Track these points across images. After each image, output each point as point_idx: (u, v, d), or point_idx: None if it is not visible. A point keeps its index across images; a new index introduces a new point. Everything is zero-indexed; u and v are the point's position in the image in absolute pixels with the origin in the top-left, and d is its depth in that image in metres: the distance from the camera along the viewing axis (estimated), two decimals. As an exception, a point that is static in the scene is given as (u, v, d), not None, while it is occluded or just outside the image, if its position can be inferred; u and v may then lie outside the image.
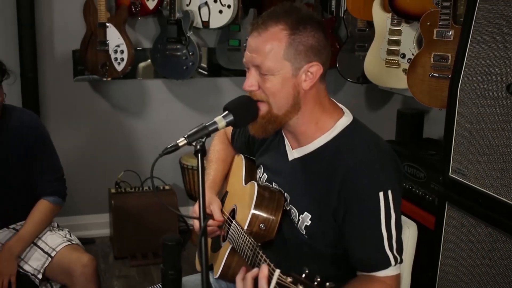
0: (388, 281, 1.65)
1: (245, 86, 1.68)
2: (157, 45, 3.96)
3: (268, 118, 1.68)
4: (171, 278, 1.65)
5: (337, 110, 1.76)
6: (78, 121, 4.12)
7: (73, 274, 2.47)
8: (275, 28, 1.63)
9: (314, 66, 1.66)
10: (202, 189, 1.43)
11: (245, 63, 1.69)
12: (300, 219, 1.74)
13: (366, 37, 3.79)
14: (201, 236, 1.36)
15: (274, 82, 1.64)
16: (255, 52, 1.65)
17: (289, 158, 1.81)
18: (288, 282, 1.34)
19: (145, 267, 3.82)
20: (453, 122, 2.51)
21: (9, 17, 3.76)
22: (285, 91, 1.65)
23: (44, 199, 2.63)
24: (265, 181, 1.91)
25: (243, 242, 1.75)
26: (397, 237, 1.65)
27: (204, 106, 4.32)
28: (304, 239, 1.74)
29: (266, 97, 1.66)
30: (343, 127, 1.72)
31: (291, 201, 1.78)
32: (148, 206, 3.90)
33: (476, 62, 2.40)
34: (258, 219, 1.77)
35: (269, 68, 1.63)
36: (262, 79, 1.65)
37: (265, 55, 1.63)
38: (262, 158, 1.95)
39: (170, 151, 1.51)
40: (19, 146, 2.57)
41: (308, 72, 1.66)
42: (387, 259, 1.64)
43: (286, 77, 1.64)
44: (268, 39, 1.63)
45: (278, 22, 1.64)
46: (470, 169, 2.44)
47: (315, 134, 1.73)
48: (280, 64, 1.63)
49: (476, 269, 2.44)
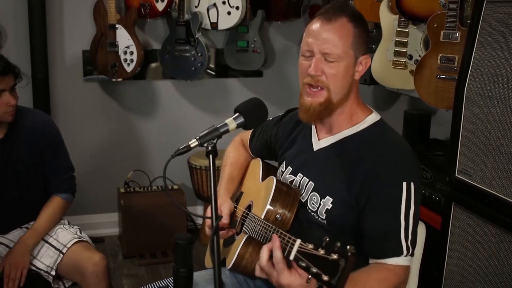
0: (397, 270, 1.70)
1: (311, 71, 1.77)
2: (166, 46, 3.99)
3: (326, 105, 1.79)
4: (183, 276, 1.68)
5: (367, 107, 1.90)
6: (87, 122, 4.16)
7: (84, 273, 2.50)
8: (342, 20, 1.77)
9: (366, 57, 1.81)
10: (214, 189, 1.46)
11: (308, 50, 1.79)
12: (321, 204, 1.81)
13: (373, 39, 3.80)
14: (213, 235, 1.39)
15: (340, 69, 1.76)
16: (324, 40, 1.75)
17: (315, 148, 1.91)
18: (309, 249, 1.40)
19: (154, 266, 3.85)
20: (459, 123, 2.53)
21: (20, 19, 3.81)
22: (346, 79, 1.78)
23: (57, 196, 2.69)
24: (289, 173, 1.97)
25: (261, 227, 1.81)
26: (413, 229, 1.72)
27: (212, 106, 4.35)
28: (323, 225, 1.80)
29: (328, 83, 1.77)
30: (372, 122, 1.84)
31: (314, 188, 1.86)
32: (157, 206, 3.94)
33: (482, 64, 2.42)
34: (275, 209, 1.84)
35: (338, 56, 1.75)
36: (328, 66, 1.76)
37: (336, 43, 1.75)
38: (286, 153, 2.03)
39: (182, 152, 1.55)
40: (32, 147, 2.61)
41: (361, 63, 1.80)
42: (400, 247, 1.70)
43: (349, 65, 1.77)
44: (338, 29, 1.76)
45: (343, 15, 1.77)
46: (476, 170, 2.46)
47: (347, 124, 1.85)
48: (347, 52, 1.76)
49: (481, 269, 2.45)
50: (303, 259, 1.41)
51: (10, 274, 2.47)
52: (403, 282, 1.73)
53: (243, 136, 2.30)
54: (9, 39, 3.83)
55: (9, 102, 2.47)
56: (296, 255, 1.43)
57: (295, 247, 1.45)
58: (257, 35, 4.03)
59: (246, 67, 4.15)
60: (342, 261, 1.33)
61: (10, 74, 2.48)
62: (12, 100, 2.48)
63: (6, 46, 3.76)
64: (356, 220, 1.76)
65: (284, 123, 2.10)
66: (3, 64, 2.45)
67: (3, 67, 2.44)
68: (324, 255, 1.36)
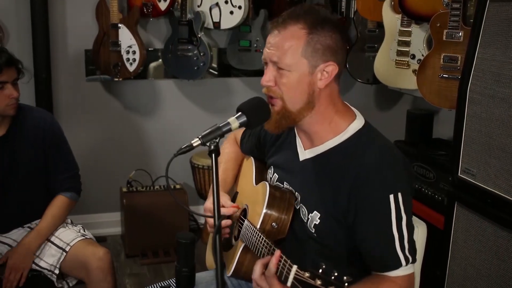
0: (399, 281, 1.67)
1: (262, 81, 1.74)
2: (169, 46, 3.99)
3: (283, 114, 1.73)
4: (185, 275, 1.68)
5: (349, 113, 1.80)
6: (90, 121, 4.16)
7: (89, 268, 2.50)
8: (295, 27, 1.70)
9: (330, 65, 1.71)
10: (216, 188, 1.45)
11: (264, 59, 1.76)
12: (309, 218, 1.77)
13: (376, 38, 3.81)
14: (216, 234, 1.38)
15: (291, 78, 1.70)
16: (274, 49, 1.71)
17: (301, 158, 1.85)
18: (306, 277, 1.37)
19: (156, 265, 3.84)
20: (462, 122, 2.52)
21: (23, 18, 3.81)
22: (301, 88, 1.70)
23: (61, 195, 2.67)
24: (276, 180, 1.94)
25: (256, 240, 1.78)
26: (409, 237, 1.67)
27: (215, 106, 4.35)
28: (314, 237, 1.77)
29: (281, 93, 1.71)
30: (355, 130, 1.75)
31: (301, 200, 1.81)
32: (159, 205, 3.94)
33: (485, 63, 2.41)
34: (270, 218, 1.80)
35: (287, 64, 1.69)
36: (279, 74, 1.71)
37: (284, 52, 1.69)
38: (273, 158, 1.99)
39: (185, 151, 1.55)
40: (34, 145, 2.60)
41: (324, 71, 1.71)
42: (398, 259, 1.66)
43: (302, 74, 1.70)
44: (287, 37, 1.69)
45: (298, 21, 1.70)
46: (479, 170, 2.46)
47: (328, 135, 1.77)
48: (297, 61, 1.69)
49: (484, 268, 2.45)
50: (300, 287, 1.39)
51: (10, 276, 2.46)
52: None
53: (236, 133, 2.26)
54: (11, 38, 3.83)
55: (11, 95, 2.47)
56: (293, 283, 1.42)
57: (292, 273, 1.43)
58: (259, 35, 4.02)
59: (249, 66, 4.14)
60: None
61: (13, 67, 2.49)
62: (15, 93, 2.48)
63: (8, 45, 3.76)
64: (346, 235, 1.72)
65: None
66: (7, 56, 2.46)
67: (6, 58, 2.45)
68: (321, 286, 1.33)
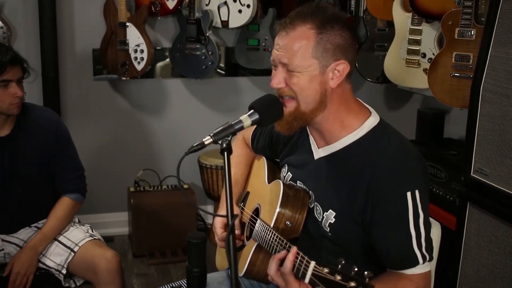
0: (416, 279, 1.66)
1: (272, 83, 1.71)
2: (177, 45, 3.97)
3: (295, 115, 1.70)
4: (196, 276, 1.66)
5: (363, 111, 1.78)
6: (97, 120, 4.15)
7: (97, 270, 2.48)
8: (303, 27, 1.67)
9: (341, 64, 1.68)
10: (229, 187, 1.43)
11: (272, 61, 1.72)
12: (324, 217, 1.75)
13: (385, 37, 3.78)
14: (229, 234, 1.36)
15: (302, 79, 1.66)
16: (283, 50, 1.67)
17: (315, 157, 1.82)
18: (324, 273, 1.34)
19: (164, 265, 3.83)
20: (475, 121, 2.50)
21: (31, 17, 3.80)
22: (312, 88, 1.67)
23: (66, 196, 2.64)
24: (289, 179, 1.92)
25: (271, 238, 1.76)
26: (426, 235, 1.66)
27: (223, 105, 4.33)
28: (328, 236, 1.76)
29: (293, 93, 1.69)
30: (370, 127, 1.73)
31: (315, 198, 1.80)
32: (167, 205, 3.92)
33: (499, 62, 2.39)
34: (284, 216, 1.78)
35: (297, 66, 1.66)
36: (290, 76, 1.67)
37: (294, 53, 1.65)
38: (287, 158, 1.96)
39: (196, 150, 1.53)
40: (38, 144, 2.58)
41: (335, 70, 1.68)
42: (415, 257, 1.65)
43: (313, 74, 1.67)
44: (296, 38, 1.66)
45: (306, 21, 1.67)
46: (492, 169, 2.43)
47: (340, 133, 1.74)
48: (307, 62, 1.66)
49: (497, 269, 2.43)
50: (319, 283, 1.36)
51: (16, 281, 2.45)
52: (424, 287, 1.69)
53: (244, 133, 2.23)
54: (19, 37, 3.82)
55: (15, 93, 2.45)
56: (312, 279, 1.39)
57: (310, 269, 1.40)
58: (268, 34, 4.00)
59: (257, 65, 4.12)
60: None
61: (18, 65, 2.47)
62: (19, 92, 2.46)
63: (16, 44, 3.75)
64: (362, 233, 1.71)
65: None
66: (12, 54, 2.44)
67: (12, 56, 2.44)
68: (341, 281, 1.30)
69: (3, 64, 2.40)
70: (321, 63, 1.66)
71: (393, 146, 1.69)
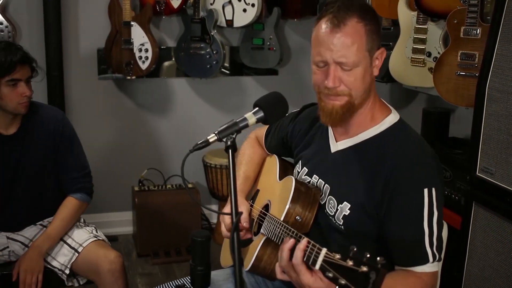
0: (424, 277, 1.66)
1: (329, 83, 1.67)
2: (181, 44, 3.98)
3: (348, 108, 1.71)
4: (200, 274, 1.66)
5: (385, 106, 1.82)
6: (102, 119, 4.16)
7: (100, 271, 2.48)
8: (352, 22, 1.65)
9: (382, 50, 1.73)
10: (233, 184, 1.43)
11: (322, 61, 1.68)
12: (338, 209, 1.76)
13: (391, 36, 3.77)
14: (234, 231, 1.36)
15: (358, 74, 1.67)
16: (338, 49, 1.64)
17: (332, 150, 1.84)
18: (336, 259, 1.34)
19: (168, 264, 3.83)
20: (480, 120, 2.49)
21: (36, 17, 3.81)
22: (366, 80, 1.70)
23: (71, 196, 2.64)
24: (304, 174, 1.93)
25: (280, 230, 1.76)
26: (438, 235, 1.67)
27: (227, 104, 4.33)
28: (341, 230, 1.76)
29: (348, 90, 1.69)
30: (391, 123, 1.76)
31: (331, 191, 1.80)
32: (171, 204, 3.92)
33: (504, 60, 2.38)
34: (294, 211, 1.79)
35: (354, 62, 1.66)
36: (346, 74, 1.67)
37: (351, 51, 1.64)
38: (302, 152, 1.97)
39: (201, 147, 1.53)
40: (45, 143, 2.59)
41: (377, 58, 1.72)
42: (426, 255, 1.65)
43: (366, 66, 1.69)
44: (350, 33, 1.64)
45: (352, 15, 1.65)
46: (498, 168, 2.42)
47: (366, 125, 1.77)
48: (363, 56, 1.67)
49: (503, 269, 2.42)
50: (330, 269, 1.35)
51: (26, 280, 2.44)
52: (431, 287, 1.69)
53: (257, 132, 2.24)
54: (24, 36, 3.83)
55: (24, 93, 2.45)
56: (322, 265, 1.38)
57: (321, 256, 1.39)
58: (273, 33, 4.00)
59: (262, 65, 4.12)
60: (373, 274, 1.26)
61: (27, 65, 2.47)
62: (27, 91, 2.47)
63: (20, 43, 3.76)
64: (376, 227, 1.71)
65: (301, 120, 2.03)
66: (21, 53, 2.45)
67: (21, 55, 2.44)
68: (353, 266, 1.29)
69: (12, 63, 2.40)
70: (370, 54, 1.69)
71: (412, 144, 1.72)
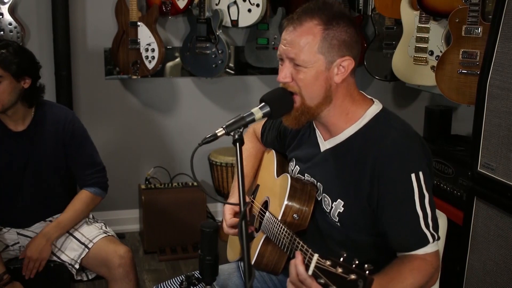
0: (429, 258, 1.69)
1: (279, 78, 1.75)
2: (187, 44, 4.02)
3: (302, 110, 1.74)
4: (209, 264, 1.71)
5: (366, 101, 1.82)
6: (109, 118, 4.20)
7: (110, 266, 2.52)
8: (310, 23, 1.70)
9: (346, 60, 1.72)
10: (241, 177, 1.47)
11: (279, 55, 1.77)
12: (333, 207, 1.79)
13: (393, 35, 3.81)
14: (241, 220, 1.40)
15: (308, 74, 1.70)
16: (290, 45, 1.71)
17: (321, 149, 1.87)
18: (327, 265, 1.37)
19: (175, 261, 3.87)
20: (481, 116, 2.52)
21: (44, 17, 3.86)
22: (318, 83, 1.71)
23: (85, 189, 2.69)
24: (297, 173, 1.95)
25: (278, 231, 1.80)
26: (432, 215, 1.70)
27: (232, 103, 4.37)
28: (337, 226, 1.79)
29: (299, 89, 1.73)
30: (372, 115, 1.78)
31: (324, 190, 1.83)
32: (178, 202, 3.96)
33: (505, 57, 2.41)
34: (291, 209, 1.82)
35: (304, 61, 1.69)
36: (296, 71, 1.72)
37: (300, 48, 1.69)
38: (294, 152, 2.00)
39: (209, 141, 1.58)
40: (54, 141, 2.62)
41: (340, 66, 1.72)
42: (425, 237, 1.68)
43: (319, 70, 1.71)
44: (303, 33, 1.70)
45: (313, 17, 1.71)
46: (499, 164, 2.45)
47: (345, 124, 1.79)
48: (314, 57, 1.70)
49: (504, 263, 2.44)
50: (321, 276, 1.39)
51: (29, 264, 2.49)
52: (437, 267, 1.72)
53: (255, 127, 2.27)
54: (32, 37, 3.88)
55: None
56: (315, 271, 1.42)
57: (313, 262, 1.43)
58: (277, 33, 4.03)
59: (267, 64, 4.15)
60: (361, 282, 1.31)
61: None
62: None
63: (29, 43, 3.81)
64: (371, 220, 1.74)
65: None
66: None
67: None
68: (342, 274, 1.34)
69: None
70: (327, 58, 1.70)
71: (394, 131, 1.73)
